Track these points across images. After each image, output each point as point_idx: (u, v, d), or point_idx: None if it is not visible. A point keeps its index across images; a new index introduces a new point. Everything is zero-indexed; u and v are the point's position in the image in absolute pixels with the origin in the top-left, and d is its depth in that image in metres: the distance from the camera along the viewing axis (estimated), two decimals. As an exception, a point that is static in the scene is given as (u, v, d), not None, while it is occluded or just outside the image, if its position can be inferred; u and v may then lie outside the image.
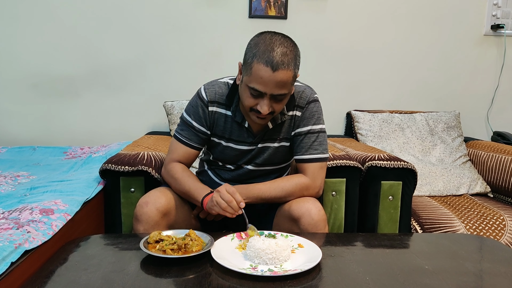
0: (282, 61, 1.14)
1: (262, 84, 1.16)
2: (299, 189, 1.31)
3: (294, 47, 1.20)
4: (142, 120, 2.42)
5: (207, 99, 1.34)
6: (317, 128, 1.35)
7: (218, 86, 1.35)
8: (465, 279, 0.98)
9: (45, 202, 1.36)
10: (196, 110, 1.35)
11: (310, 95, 1.35)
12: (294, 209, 1.26)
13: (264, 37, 1.19)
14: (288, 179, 1.33)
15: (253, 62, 1.16)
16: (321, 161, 1.34)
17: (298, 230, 1.24)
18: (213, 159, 1.44)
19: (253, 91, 1.18)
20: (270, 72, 1.14)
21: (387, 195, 1.67)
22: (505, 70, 2.54)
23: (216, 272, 0.96)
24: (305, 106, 1.34)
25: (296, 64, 1.20)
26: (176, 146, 1.38)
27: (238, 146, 1.37)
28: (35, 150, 2.25)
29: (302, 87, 1.37)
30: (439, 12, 2.47)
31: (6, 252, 1.01)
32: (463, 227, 1.65)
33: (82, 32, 2.32)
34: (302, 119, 1.35)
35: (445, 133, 2.29)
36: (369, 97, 2.51)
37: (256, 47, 1.17)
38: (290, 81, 1.18)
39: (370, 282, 0.94)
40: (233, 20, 2.36)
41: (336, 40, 2.44)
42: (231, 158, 1.39)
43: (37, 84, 2.35)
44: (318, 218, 1.23)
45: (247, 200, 1.28)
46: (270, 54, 1.14)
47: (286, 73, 1.15)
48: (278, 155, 1.39)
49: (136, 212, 1.27)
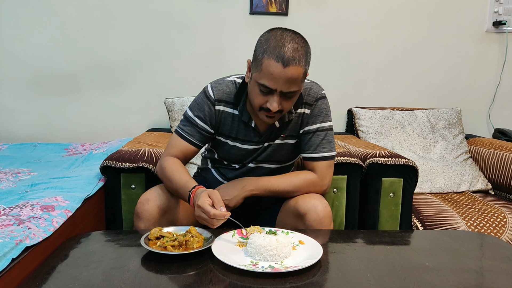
0: (293, 56, 1.12)
1: (272, 80, 1.14)
2: (307, 185, 1.31)
3: (305, 44, 1.18)
4: (143, 116, 2.42)
5: (214, 98, 1.31)
6: (325, 126, 1.34)
7: (226, 85, 1.33)
8: (466, 276, 0.98)
9: (46, 198, 1.36)
10: (202, 108, 1.32)
11: (318, 92, 1.33)
12: (300, 204, 1.25)
13: (275, 33, 1.17)
14: (296, 174, 1.33)
15: (263, 58, 1.14)
16: (329, 159, 1.34)
17: (303, 226, 1.24)
18: (218, 157, 1.43)
19: (263, 88, 1.16)
20: (281, 68, 1.12)
21: (388, 192, 1.67)
22: (506, 67, 2.53)
23: (216, 269, 0.96)
24: (313, 103, 1.33)
25: (307, 61, 1.18)
26: (176, 141, 1.35)
27: (244, 145, 1.35)
28: (36, 147, 2.25)
29: (309, 83, 1.35)
30: (441, 9, 2.46)
31: (7, 248, 1.01)
32: (464, 224, 1.65)
33: (82, 29, 2.32)
34: (311, 117, 1.33)
35: (446, 130, 2.29)
36: (370, 94, 2.50)
37: (266, 43, 1.15)
38: (301, 78, 1.17)
39: (371, 278, 0.94)
40: (234, 16, 2.35)
41: (337, 37, 2.43)
42: (237, 157, 1.38)
43: (38, 81, 2.35)
44: (324, 215, 1.23)
45: (255, 192, 1.28)
46: (281, 49, 1.12)
47: (297, 69, 1.14)
48: (282, 152, 1.38)
49: (137, 209, 1.26)
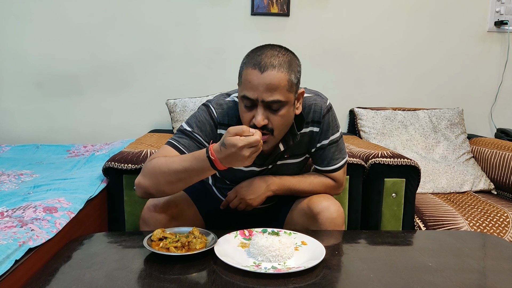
0: (271, 62, 1.08)
1: (251, 89, 1.09)
2: (325, 188, 1.32)
3: (288, 53, 1.14)
4: (145, 118, 2.42)
5: (218, 120, 1.24)
6: (337, 136, 1.31)
7: (228, 106, 1.25)
8: (468, 276, 0.97)
9: (48, 200, 1.36)
10: (204, 127, 1.23)
11: (323, 105, 1.26)
12: (314, 204, 1.25)
13: (256, 48, 1.15)
14: (316, 176, 1.33)
15: (243, 71, 1.12)
16: (343, 167, 1.35)
17: (315, 226, 1.23)
18: (220, 176, 1.36)
19: (246, 101, 1.11)
20: (258, 74, 1.08)
21: (390, 192, 1.67)
22: (508, 66, 2.52)
23: (219, 270, 0.96)
24: (321, 120, 1.27)
25: (292, 69, 1.11)
26: (168, 150, 1.20)
27: (248, 168, 1.28)
28: (38, 148, 2.25)
29: (312, 98, 1.27)
30: (442, 9, 2.45)
31: (10, 250, 1.01)
32: (466, 224, 1.64)
33: (85, 31, 2.32)
34: (321, 133, 1.28)
35: (449, 130, 2.28)
36: (372, 94, 2.50)
37: (246, 57, 1.14)
38: (284, 86, 1.09)
39: (374, 279, 0.94)
40: (235, 17, 2.36)
41: (338, 37, 2.43)
42: (240, 179, 1.31)
43: (40, 83, 2.35)
44: (337, 215, 1.23)
45: (279, 191, 1.28)
46: (258, 57, 1.10)
47: (276, 74, 1.08)
48: (287, 171, 1.33)
49: (143, 215, 1.24)
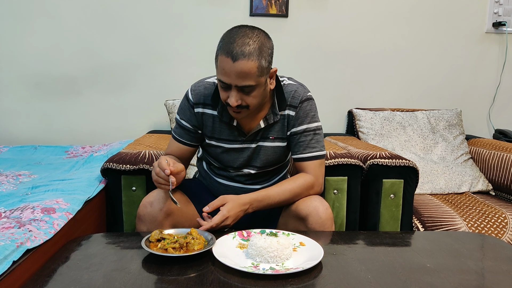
0: (242, 51, 1.13)
1: (225, 75, 1.16)
2: (305, 189, 1.31)
3: (260, 38, 1.17)
4: (144, 118, 2.42)
5: (192, 101, 1.35)
6: (312, 127, 1.34)
7: (204, 87, 1.35)
8: (467, 277, 0.97)
9: (46, 201, 1.36)
10: (185, 111, 1.38)
11: (303, 94, 1.33)
12: (301, 208, 1.26)
13: (230, 30, 1.19)
14: (293, 181, 1.32)
15: (217, 55, 1.18)
16: (320, 158, 1.34)
17: (305, 229, 1.24)
18: (211, 160, 1.44)
19: (221, 84, 1.19)
20: (230, 63, 1.14)
21: (389, 193, 1.67)
22: (506, 67, 2.53)
23: (217, 271, 0.96)
24: (298, 106, 1.33)
25: (262, 55, 1.16)
26: (171, 142, 1.43)
27: (230, 145, 1.36)
28: (37, 149, 2.25)
29: (295, 86, 1.35)
30: (441, 10, 2.46)
31: (8, 251, 1.01)
32: (464, 225, 1.65)
33: (83, 31, 2.32)
34: (297, 119, 1.33)
35: (447, 131, 2.29)
36: (370, 95, 2.50)
37: (221, 41, 1.18)
38: (255, 72, 1.15)
39: (372, 280, 0.94)
40: (234, 18, 2.36)
41: (337, 38, 2.44)
42: (228, 160, 1.39)
43: (38, 83, 2.35)
44: (326, 217, 1.23)
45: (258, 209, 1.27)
46: (231, 45, 1.14)
47: (247, 63, 1.13)
48: (275, 156, 1.39)
49: (139, 212, 1.26)
